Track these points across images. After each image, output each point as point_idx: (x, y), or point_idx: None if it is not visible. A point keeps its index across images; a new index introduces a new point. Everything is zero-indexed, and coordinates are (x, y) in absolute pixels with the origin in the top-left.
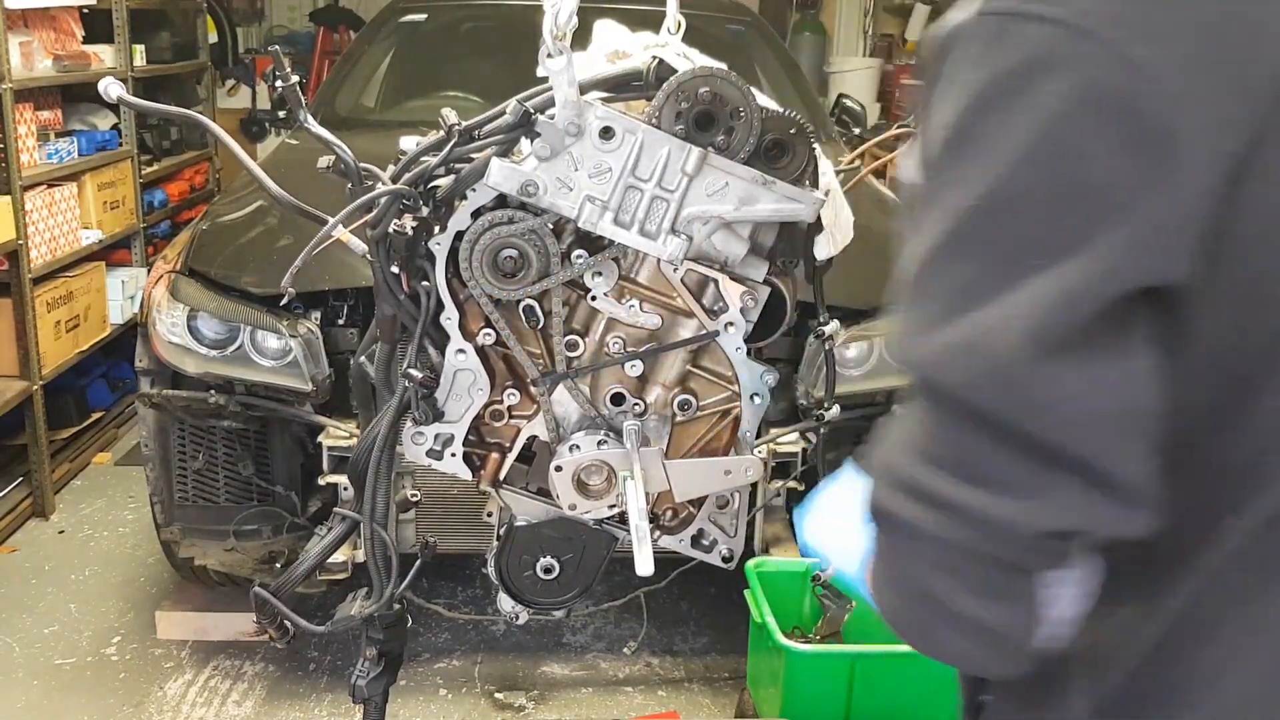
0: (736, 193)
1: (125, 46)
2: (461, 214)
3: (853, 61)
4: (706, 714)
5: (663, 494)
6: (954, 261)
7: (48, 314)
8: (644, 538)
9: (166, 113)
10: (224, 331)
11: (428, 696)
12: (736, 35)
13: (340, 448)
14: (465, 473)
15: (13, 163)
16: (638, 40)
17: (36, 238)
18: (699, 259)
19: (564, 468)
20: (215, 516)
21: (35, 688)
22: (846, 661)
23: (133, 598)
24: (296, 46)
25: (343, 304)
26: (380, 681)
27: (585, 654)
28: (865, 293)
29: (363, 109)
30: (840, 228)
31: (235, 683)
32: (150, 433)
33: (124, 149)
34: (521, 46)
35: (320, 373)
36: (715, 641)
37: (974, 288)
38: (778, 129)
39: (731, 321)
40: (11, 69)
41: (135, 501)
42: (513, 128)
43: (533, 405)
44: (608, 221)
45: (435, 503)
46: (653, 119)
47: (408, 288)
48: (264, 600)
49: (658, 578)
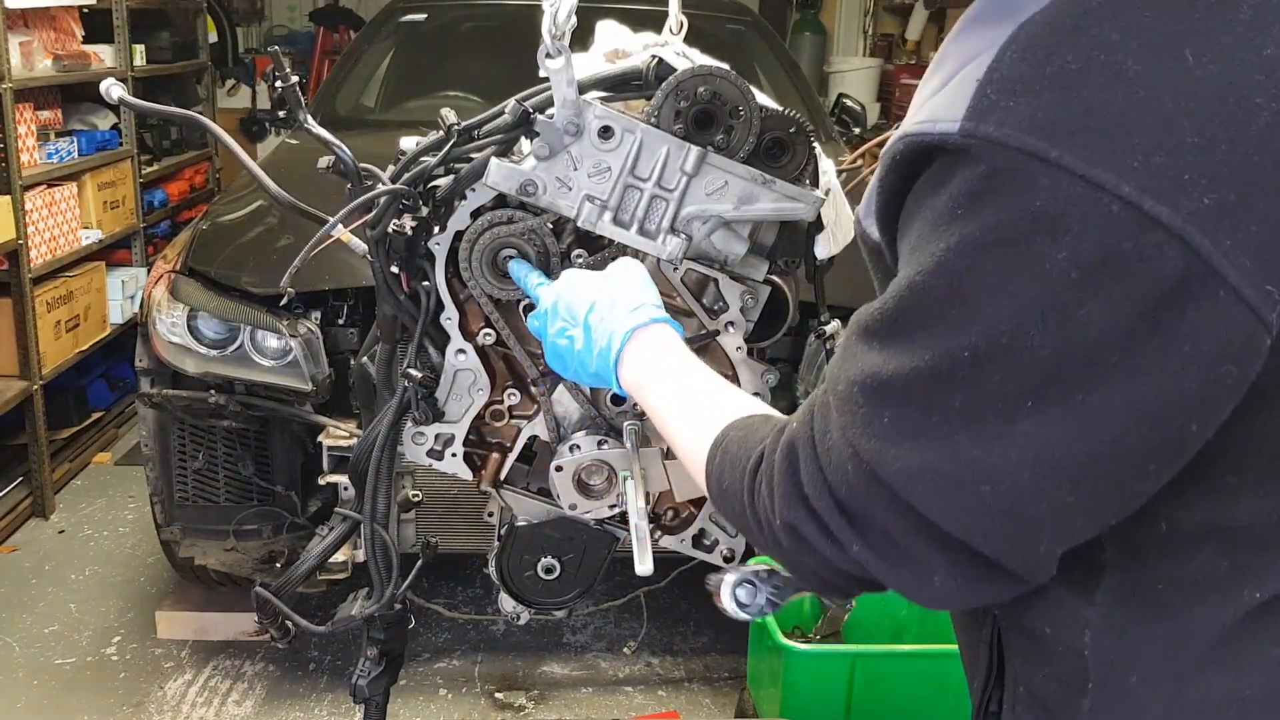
0: (736, 192)
1: (125, 46)
2: (461, 214)
3: (853, 61)
4: (706, 714)
5: (663, 494)
6: (938, 392)
7: (48, 314)
8: (644, 538)
9: (167, 113)
10: (224, 331)
11: (428, 696)
12: (736, 35)
13: (340, 448)
14: (466, 473)
15: (13, 163)
16: (638, 40)
17: (36, 238)
18: (699, 258)
19: (564, 468)
20: (215, 516)
21: (35, 688)
22: (846, 661)
23: (133, 598)
24: (296, 46)
25: (343, 304)
26: (381, 681)
27: (585, 654)
28: (866, 292)
29: (363, 109)
30: (841, 227)
31: (235, 683)
32: (150, 433)
33: (124, 149)
34: (521, 46)
35: (320, 372)
36: (715, 641)
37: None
38: (777, 128)
39: (732, 321)
40: (11, 69)
41: (135, 501)
42: (511, 127)
43: (533, 405)
44: (607, 221)
45: (436, 503)
46: (652, 118)
47: (407, 288)
48: (265, 600)
49: (658, 577)
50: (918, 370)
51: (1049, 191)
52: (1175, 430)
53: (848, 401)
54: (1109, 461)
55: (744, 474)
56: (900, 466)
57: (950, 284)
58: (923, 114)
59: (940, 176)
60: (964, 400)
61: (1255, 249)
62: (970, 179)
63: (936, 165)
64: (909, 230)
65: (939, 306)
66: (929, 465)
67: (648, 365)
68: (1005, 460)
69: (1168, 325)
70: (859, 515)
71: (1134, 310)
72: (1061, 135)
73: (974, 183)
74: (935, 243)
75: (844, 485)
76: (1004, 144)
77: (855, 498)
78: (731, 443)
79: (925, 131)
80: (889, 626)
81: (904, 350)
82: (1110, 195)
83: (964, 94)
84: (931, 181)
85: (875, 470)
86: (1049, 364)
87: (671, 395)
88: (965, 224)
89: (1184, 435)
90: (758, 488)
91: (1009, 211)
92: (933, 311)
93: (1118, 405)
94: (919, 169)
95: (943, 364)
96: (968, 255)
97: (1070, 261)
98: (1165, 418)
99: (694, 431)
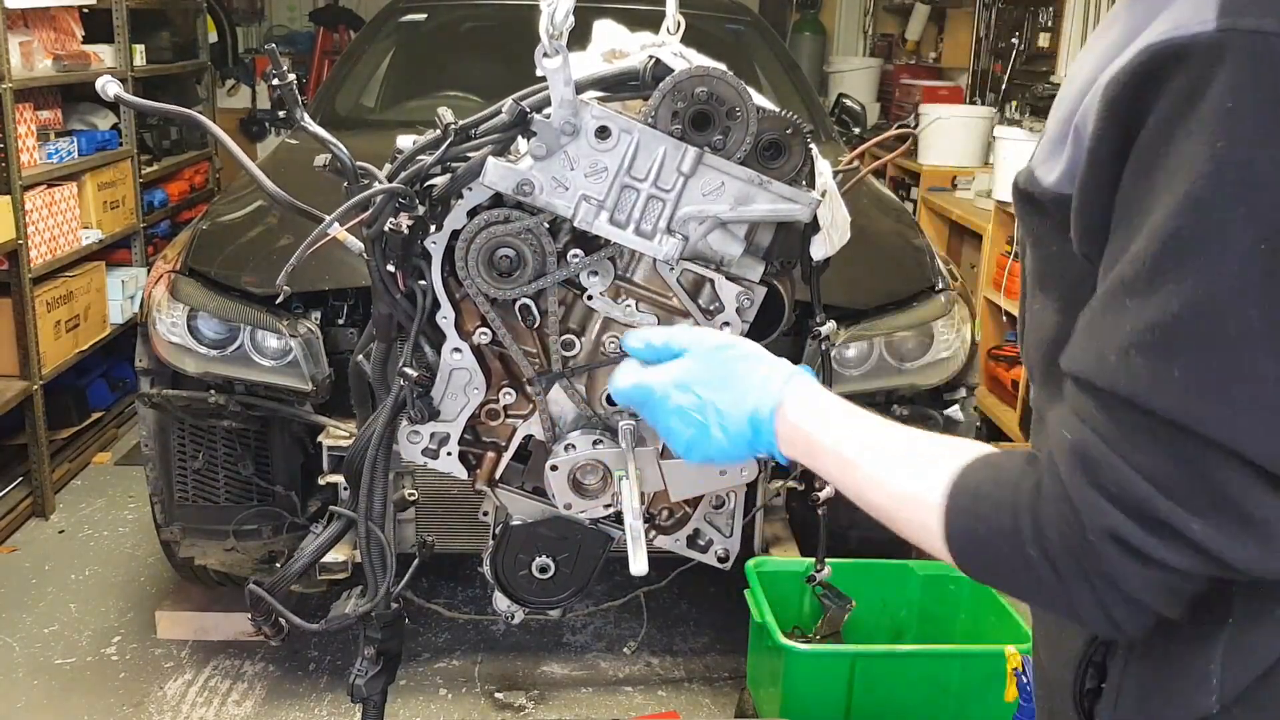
0: (732, 193)
1: (125, 46)
2: (457, 213)
3: (853, 61)
4: (706, 714)
5: (658, 494)
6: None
7: (48, 314)
8: (638, 537)
9: (165, 111)
10: (224, 331)
11: (428, 696)
12: (736, 35)
13: (340, 447)
14: (461, 472)
15: (13, 162)
16: (636, 40)
17: (36, 237)
18: (695, 259)
19: (559, 467)
20: (215, 516)
21: (35, 688)
22: (846, 661)
23: (133, 598)
24: (296, 46)
25: (343, 304)
26: (379, 681)
27: (585, 654)
28: (863, 293)
29: (362, 109)
30: (837, 228)
31: (235, 682)
32: (150, 433)
33: (124, 149)
34: (521, 46)
35: (320, 372)
36: (715, 641)
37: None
38: (774, 129)
39: (728, 322)
40: (11, 69)
41: (135, 501)
42: (509, 127)
43: (529, 404)
44: (603, 221)
45: (434, 502)
46: (649, 118)
47: (404, 286)
48: (259, 597)
49: (657, 577)
50: (1201, 302)
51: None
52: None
53: (1126, 373)
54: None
55: (1015, 511)
56: (1214, 415)
57: (1235, 182)
58: (1158, 25)
59: (1194, 86)
60: (1260, 317)
61: None
62: (1235, 75)
63: (1182, 77)
64: (1155, 160)
65: (1222, 211)
66: (1246, 401)
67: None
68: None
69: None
70: (1189, 489)
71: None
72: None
73: (1240, 78)
74: (1205, 149)
75: (1159, 464)
76: (1267, 33)
77: (1177, 471)
78: (985, 484)
79: (1174, 36)
80: (889, 626)
81: (1178, 287)
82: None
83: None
84: (1181, 96)
85: (1191, 429)
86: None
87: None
88: (1239, 120)
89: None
90: (1042, 520)
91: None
92: (1209, 226)
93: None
94: (1156, 88)
95: (1228, 285)
96: (1245, 152)
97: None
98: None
99: (910, 479)
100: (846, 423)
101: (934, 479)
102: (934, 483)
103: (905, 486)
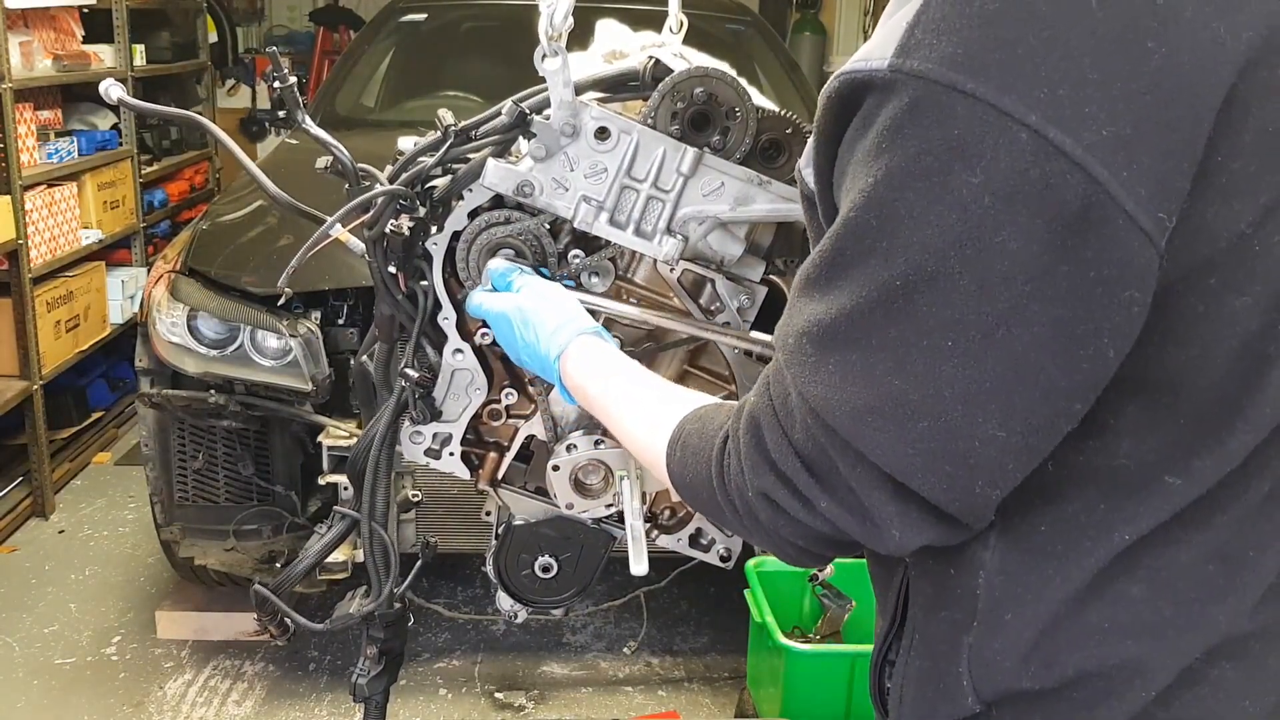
0: (732, 193)
1: (125, 46)
2: (458, 214)
3: None
4: (706, 714)
5: (660, 493)
6: (873, 329)
7: (48, 314)
8: (639, 537)
9: (166, 114)
10: (224, 331)
11: (428, 696)
12: (736, 35)
13: (340, 448)
14: (463, 472)
15: (13, 163)
16: (637, 40)
17: (36, 237)
18: (695, 259)
19: (561, 467)
20: (215, 516)
21: (35, 688)
22: (846, 661)
23: (133, 598)
24: (296, 46)
25: (343, 304)
26: (381, 680)
27: (585, 654)
28: None
29: (362, 109)
30: None
31: (235, 682)
32: (150, 433)
33: (124, 149)
34: (521, 47)
35: (320, 372)
36: (715, 641)
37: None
38: (774, 129)
39: (728, 322)
40: (11, 69)
41: (135, 501)
42: (508, 128)
43: (530, 405)
44: (603, 222)
45: (436, 503)
46: (648, 119)
47: (405, 288)
48: (264, 598)
49: (657, 577)
50: (855, 309)
51: (965, 120)
52: (1090, 359)
53: (797, 355)
54: (1033, 393)
55: (709, 460)
56: (845, 410)
57: (879, 217)
58: (857, 55)
59: (869, 115)
60: (896, 335)
61: (1149, 178)
62: (895, 111)
63: (866, 105)
64: (843, 176)
65: (870, 240)
66: (869, 406)
67: (586, 369)
68: (938, 396)
69: (1074, 252)
70: (823, 470)
71: (1043, 237)
72: (978, 68)
73: (898, 115)
74: (865, 179)
75: (807, 442)
76: (925, 77)
77: (816, 452)
78: (690, 435)
79: (857, 69)
80: None
81: (842, 291)
82: (1018, 123)
83: (895, 35)
84: (861, 122)
85: (826, 419)
86: (970, 293)
87: (617, 399)
88: (890, 156)
89: (1100, 363)
90: (726, 469)
91: (930, 141)
92: (865, 246)
93: (1036, 334)
94: (852, 110)
95: (876, 298)
96: (894, 186)
97: (984, 188)
98: (1081, 345)
99: (648, 431)
100: (614, 379)
101: (663, 430)
102: (663, 433)
103: (645, 437)
